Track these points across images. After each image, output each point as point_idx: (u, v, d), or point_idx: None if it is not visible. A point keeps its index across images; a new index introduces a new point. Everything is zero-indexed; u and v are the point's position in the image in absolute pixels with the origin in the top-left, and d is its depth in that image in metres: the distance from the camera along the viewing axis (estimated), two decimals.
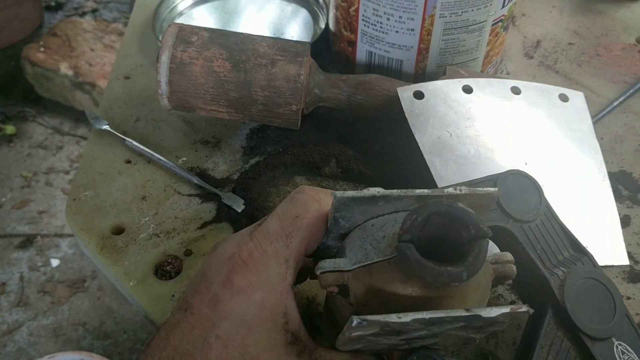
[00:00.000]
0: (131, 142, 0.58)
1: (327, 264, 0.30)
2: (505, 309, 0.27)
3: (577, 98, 0.56)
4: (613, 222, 0.51)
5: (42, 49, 1.71)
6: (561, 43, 0.72)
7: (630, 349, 0.37)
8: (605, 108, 0.63)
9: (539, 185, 0.41)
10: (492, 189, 0.31)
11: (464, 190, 0.30)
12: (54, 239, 1.56)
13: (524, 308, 0.27)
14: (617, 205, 0.51)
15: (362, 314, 0.27)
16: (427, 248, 0.27)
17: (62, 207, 1.60)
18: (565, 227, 0.41)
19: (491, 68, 0.64)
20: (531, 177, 0.41)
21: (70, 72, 1.65)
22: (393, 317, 0.26)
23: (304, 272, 0.36)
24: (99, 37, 1.76)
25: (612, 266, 0.49)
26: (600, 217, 0.51)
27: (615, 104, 0.63)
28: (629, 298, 0.47)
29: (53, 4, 2.04)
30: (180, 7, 0.74)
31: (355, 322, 0.26)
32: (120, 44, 0.73)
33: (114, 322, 1.40)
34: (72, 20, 1.87)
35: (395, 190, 0.30)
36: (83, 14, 2.02)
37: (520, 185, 0.40)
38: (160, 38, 0.68)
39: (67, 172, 1.69)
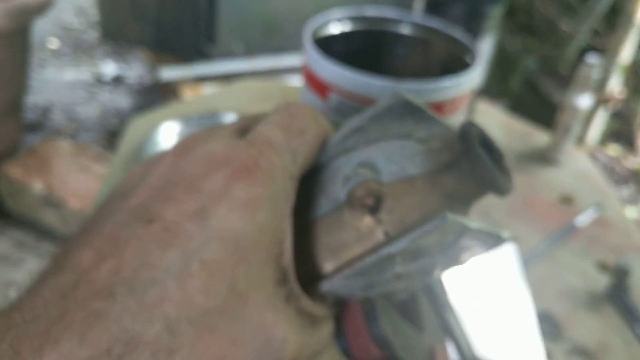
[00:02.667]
0: None
1: (364, 173, 0.27)
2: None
3: (509, 246, 0.65)
4: (538, 356, 0.58)
5: (19, 167, 1.77)
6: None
7: None
8: (532, 255, 0.72)
9: None
10: None
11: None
12: None
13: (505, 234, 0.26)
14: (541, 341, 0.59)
15: (395, 232, 0.25)
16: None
17: None
18: None
19: None
20: None
21: (43, 190, 1.71)
22: (474, 223, 0.25)
23: None
24: (76, 159, 1.84)
25: None
26: (527, 352, 0.58)
27: (540, 252, 0.73)
28: None
29: (33, 123, 2.14)
30: (164, 145, 0.84)
31: (446, 220, 0.23)
32: (107, 172, 0.81)
33: None
34: (51, 141, 1.96)
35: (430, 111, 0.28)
36: (62, 136, 2.12)
37: None
38: None
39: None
